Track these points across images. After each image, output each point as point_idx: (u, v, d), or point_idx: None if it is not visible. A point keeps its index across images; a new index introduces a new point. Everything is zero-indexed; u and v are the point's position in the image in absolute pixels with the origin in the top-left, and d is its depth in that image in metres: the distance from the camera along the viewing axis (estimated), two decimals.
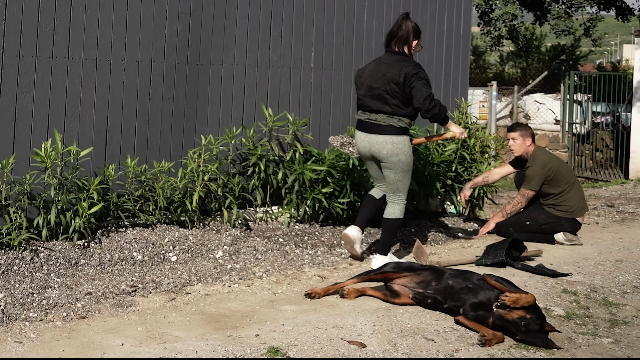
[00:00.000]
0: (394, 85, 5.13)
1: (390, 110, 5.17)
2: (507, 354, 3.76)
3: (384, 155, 5.24)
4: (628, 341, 4.05)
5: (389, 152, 5.20)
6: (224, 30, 6.23)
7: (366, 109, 5.30)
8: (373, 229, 6.53)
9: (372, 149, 5.28)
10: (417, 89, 5.07)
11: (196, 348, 3.64)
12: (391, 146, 5.19)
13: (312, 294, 4.51)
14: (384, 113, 5.19)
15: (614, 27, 61.64)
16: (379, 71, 5.25)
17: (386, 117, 5.19)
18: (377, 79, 5.22)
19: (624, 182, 12.18)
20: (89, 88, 5.52)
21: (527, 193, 6.42)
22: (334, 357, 3.62)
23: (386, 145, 5.20)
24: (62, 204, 5.03)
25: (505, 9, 17.90)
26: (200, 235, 5.55)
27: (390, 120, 5.19)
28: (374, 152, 5.28)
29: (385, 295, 4.50)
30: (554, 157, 6.56)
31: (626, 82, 14.08)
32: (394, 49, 5.29)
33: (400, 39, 5.28)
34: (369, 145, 5.29)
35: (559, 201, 6.41)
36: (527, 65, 22.17)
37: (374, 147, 5.26)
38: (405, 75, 5.09)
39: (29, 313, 4.05)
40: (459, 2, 7.82)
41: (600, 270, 5.53)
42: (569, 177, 6.48)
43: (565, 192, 6.40)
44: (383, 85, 5.18)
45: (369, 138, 5.27)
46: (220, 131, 6.20)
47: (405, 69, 5.11)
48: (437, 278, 4.38)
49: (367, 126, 5.29)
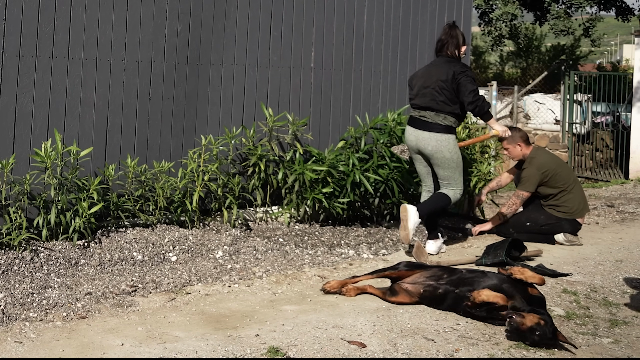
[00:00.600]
0: (442, 83, 5.55)
1: (437, 106, 5.56)
2: (507, 354, 3.76)
3: (429, 152, 5.61)
4: (628, 341, 4.05)
5: (433, 148, 5.59)
6: (224, 30, 6.23)
7: (416, 106, 5.72)
8: (373, 229, 6.54)
9: (419, 144, 5.67)
10: (464, 84, 5.51)
11: (196, 348, 3.65)
12: (435, 143, 5.57)
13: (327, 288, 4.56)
14: (432, 110, 5.59)
15: (614, 27, 61.68)
16: (429, 72, 5.71)
17: (433, 114, 5.59)
18: (427, 79, 5.66)
19: (624, 182, 12.18)
20: (89, 88, 5.52)
21: (522, 194, 6.42)
22: (334, 357, 3.62)
23: (430, 141, 5.59)
24: (62, 204, 5.03)
25: (505, 8, 17.89)
26: (200, 235, 5.55)
27: (437, 117, 5.58)
28: (421, 147, 5.67)
29: (384, 294, 4.51)
30: (552, 158, 6.54)
31: (626, 82, 14.08)
32: (446, 52, 5.74)
33: (452, 44, 5.73)
34: (416, 140, 5.68)
35: (559, 202, 6.40)
36: (527, 65, 22.16)
37: (420, 143, 5.65)
38: (454, 73, 5.53)
39: (29, 313, 4.05)
40: (459, 2, 7.82)
41: (600, 270, 5.53)
42: (568, 178, 6.46)
43: (565, 193, 6.39)
44: (432, 84, 5.60)
45: (416, 133, 5.68)
46: (220, 131, 6.20)
47: (454, 67, 5.57)
48: (450, 272, 4.44)
49: (416, 122, 5.70)
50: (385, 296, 4.49)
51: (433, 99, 5.57)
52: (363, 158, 6.53)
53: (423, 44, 7.55)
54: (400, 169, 6.57)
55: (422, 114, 5.65)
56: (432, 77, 5.61)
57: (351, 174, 6.31)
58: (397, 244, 6.11)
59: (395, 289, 4.46)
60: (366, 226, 6.63)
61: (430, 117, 5.59)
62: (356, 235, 6.33)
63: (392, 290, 4.48)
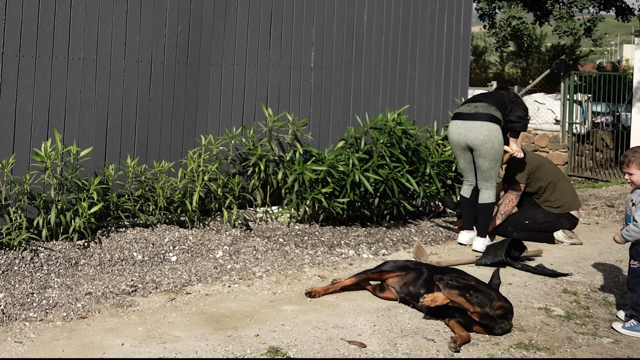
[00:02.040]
0: (500, 96, 5.97)
1: (491, 102, 5.83)
2: (507, 354, 3.76)
3: (479, 142, 5.73)
4: (628, 341, 4.05)
5: (485, 137, 5.71)
6: (224, 30, 6.23)
7: (468, 101, 6.00)
8: (373, 229, 6.54)
9: (469, 135, 5.77)
10: (518, 104, 5.95)
11: (196, 348, 3.64)
12: (487, 132, 5.72)
13: (312, 292, 4.54)
14: (485, 102, 5.83)
15: (614, 27, 61.66)
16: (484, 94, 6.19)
17: (486, 105, 5.76)
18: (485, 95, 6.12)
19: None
20: (89, 88, 5.52)
21: (516, 188, 6.46)
22: (334, 357, 3.62)
23: (483, 130, 5.73)
24: (62, 204, 5.03)
25: (510, 12, 17.90)
26: (200, 235, 5.55)
27: (489, 108, 5.79)
28: (470, 138, 5.77)
29: (374, 289, 4.66)
30: (534, 154, 6.68)
31: (626, 82, 14.08)
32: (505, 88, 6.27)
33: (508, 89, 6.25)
34: (465, 131, 5.79)
35: (553, 196, 6.43)
36: (527, 65, 22.17)
37: (471, 133, 5.76)
38: (512, 97, 6.01)
39: (29, 313, 4.05)
40: (459, 2, 7.82)
41: (600, 270, 5.54)
42: (553, 169, 6.58)
43: (555, 184, 6.45)
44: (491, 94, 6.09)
45: (465, 125, 5.79)
46: (220, 131, 6.20)
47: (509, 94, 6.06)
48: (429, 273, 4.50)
49: (465, 115, 5.87)
50: (375, 291, 4.65)
51: (490, 95, 5.97)
52: (363, 158, 6.53)
53: (423, 44, 7.55)
54: (400, 169, 6.57)
55: (475, 105, 5.83)
56: (491, 94, 6.11)
57: (351, 174, 6.31)
58: (397, 244, 6.11)
59: (383, 286, 4.62)
60: (366, 226, 6.63)
61: (483, 108, 5.77)
62: (356, 235, 6.33)
63: (382, 287, 4.63)
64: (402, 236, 6.38)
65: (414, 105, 7.48)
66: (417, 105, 7.51)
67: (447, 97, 7.73)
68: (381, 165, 6.52)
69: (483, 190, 5.96)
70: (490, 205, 5.99)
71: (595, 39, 18.47)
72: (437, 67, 7.66)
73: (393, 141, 6.69)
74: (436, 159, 6.98)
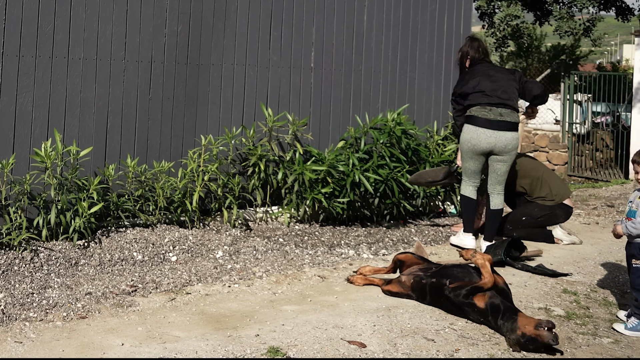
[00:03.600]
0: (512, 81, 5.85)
1: (512, 103, 5.77)
2: (507, 354, 3.76)
3: (507, 150, 5.76)
4: (628, 341, 4.05)
5: (512, 147, 5.79)
6: (224, 30, 6.23)
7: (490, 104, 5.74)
8: (373, 229, 6.54)
9: (498, 145, 5.76)
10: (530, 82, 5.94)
11: (196, 348, 3.65)
12: (516, 142, 5.80)
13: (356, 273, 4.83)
14: (507, 107, 5.75)
15: (614, 27, 61.68)
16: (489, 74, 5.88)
17: (509, 111, 5.76)
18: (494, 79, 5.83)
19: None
20: (89, 88, 5.52)
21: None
22: (334, 357, 3.62)
23: (513, 141, 5.76)
24: (62, 204, 5.03)
25: (508, 10, 17.89)
26: (200, 235, 5.55)
27: (513, 115, 5.77)
28: (499, 147, 5.76)
29: (382, 282, 4.72)
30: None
31: (626, 82, 14.08)
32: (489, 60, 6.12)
33: (488, 53, 6.15)
34: (495, 141, 5.74)
35: (543, 191, 6.43)
36: (527, 65, 22.17)
37: (501, 143, 5.75)
38: (520, 76, 5.93)
39: (29, 313, 4.05)
40: (459, 2, 7.82)
41: (600, 270, 5.54)
42: (531, 164, 6.59)
43: (540, 178, 6.45)
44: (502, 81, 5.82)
45: (496, 135, 5.73)
46: (220, 131, 6.20)
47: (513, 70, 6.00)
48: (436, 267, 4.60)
49: (494, 124, 5.73)
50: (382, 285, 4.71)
51: (507, 93, 5.77)
52: (363, 158, 6.53)
53: (423, 44, 7.54)
54: (400, 169, 6.57)
55: (499, 112, 5.72)
56: (499, 77, 5.85)
57: (351, 174, 6.31)
58: (397, 244, 6.11)
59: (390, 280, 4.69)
60: (366, 226, 6.63)
61: (509, 117, 5.74)
62: (356, 235, 6.33)
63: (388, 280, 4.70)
64: (402, 236, 6.39)
65: (414, 105, 7.48)
66: (417, 105, 7.51)
67: (447, 97, 7.72)
68: (381, 165, 6.52)
69: (495, 195, 5.91)
70: (501, 211, 6.01)
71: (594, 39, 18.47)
72: (437, 67, 7.66)
73: (393, 141, 6.69)
74: (436, 159, 6.97)
